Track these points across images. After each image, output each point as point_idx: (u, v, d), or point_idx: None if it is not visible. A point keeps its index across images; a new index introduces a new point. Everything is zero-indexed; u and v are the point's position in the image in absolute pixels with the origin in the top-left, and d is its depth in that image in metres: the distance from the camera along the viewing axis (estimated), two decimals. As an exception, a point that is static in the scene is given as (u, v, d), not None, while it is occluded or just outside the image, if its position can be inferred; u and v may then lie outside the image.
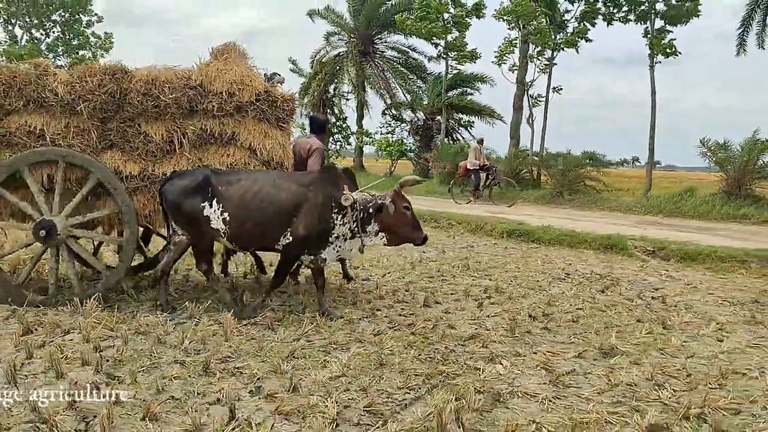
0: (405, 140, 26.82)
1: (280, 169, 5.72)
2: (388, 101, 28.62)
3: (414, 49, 28.68)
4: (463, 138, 26.05)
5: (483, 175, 17.16)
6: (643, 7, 18.51)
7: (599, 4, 19.57)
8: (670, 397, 3.65)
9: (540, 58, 21.07)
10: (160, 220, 5.66)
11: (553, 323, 5.36)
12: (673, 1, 18.11)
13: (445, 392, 3.62)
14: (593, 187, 18.09)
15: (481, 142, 17.48)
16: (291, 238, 5.10)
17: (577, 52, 20.27)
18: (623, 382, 3.91)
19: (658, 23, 18.62)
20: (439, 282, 7.14)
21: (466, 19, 22.64)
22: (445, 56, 23.34)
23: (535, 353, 4.47)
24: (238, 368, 4.04)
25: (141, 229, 6.03)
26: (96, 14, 36.16)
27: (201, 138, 5.60)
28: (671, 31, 18.45)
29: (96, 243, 6.80)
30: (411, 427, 3.19)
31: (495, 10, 21.00)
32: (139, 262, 6.41)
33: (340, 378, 3.90)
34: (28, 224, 5.47)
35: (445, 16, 22.17)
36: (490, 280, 7.35)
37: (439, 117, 24.24)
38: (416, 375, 3.97)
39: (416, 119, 26.69)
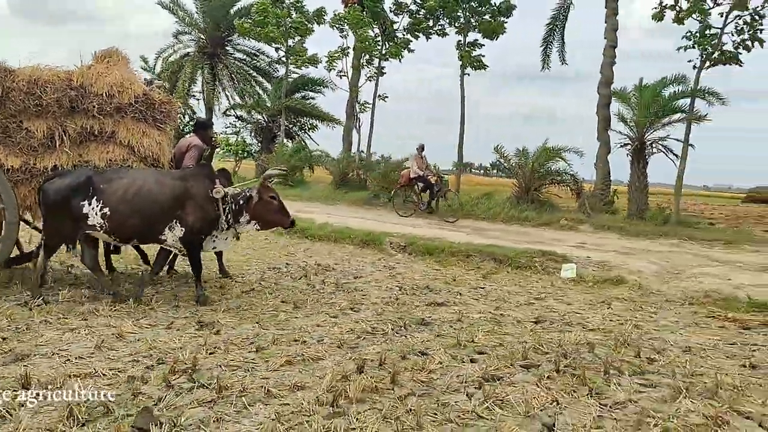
0: (247, 141, 27.06)
1: (158, 166, 6.13)
2: (234, 102, 28.72)
3: (263, 53, 28.93)
4: (304, 140, 26.58)
5: (427, 185, 15.24)
6: (460, 21, 19.84)
7: (420, 17, 20.71)
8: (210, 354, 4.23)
9: (369, 66, 21.95)
10: (39, 214, 5.83)
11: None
12: (487, 17, 19.56)
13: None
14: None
15: (421, 148, 15.31)
16: (184, 230, 5.52)
17: (400, 61, 21.33)
18: (170, 348, 4.35)
19: (475, 36, 20.13)
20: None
21: (308, 24, 23.14)
22: (285, 61, 23.73)
23: (132, 323, 4.88)
24: None
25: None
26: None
27: (82, 135, 5.93)
28: (483, 45, 20.00)
29: None
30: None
31: (330, 18, 21.69)
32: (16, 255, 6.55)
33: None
34: None
35: (288, 21, 22.54)
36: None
37: (280, 119, 24.60)
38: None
39: (259, 121, 26.92)
